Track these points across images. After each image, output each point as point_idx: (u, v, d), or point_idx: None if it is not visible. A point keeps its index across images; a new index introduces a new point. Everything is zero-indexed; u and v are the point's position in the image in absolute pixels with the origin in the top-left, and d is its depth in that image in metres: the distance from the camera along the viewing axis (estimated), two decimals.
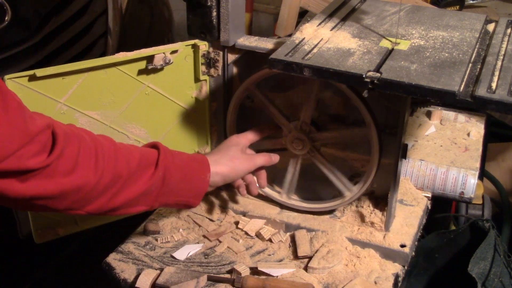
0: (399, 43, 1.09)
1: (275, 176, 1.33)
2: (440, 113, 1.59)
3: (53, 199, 0.90)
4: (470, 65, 1.02)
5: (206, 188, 1.10)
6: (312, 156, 1.24)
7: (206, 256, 1.20)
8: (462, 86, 0.95)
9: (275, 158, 1.23)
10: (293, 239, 1.23)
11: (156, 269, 1.15)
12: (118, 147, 0.99)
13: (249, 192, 1.24)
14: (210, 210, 1.32)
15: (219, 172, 1.12)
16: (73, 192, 0.91)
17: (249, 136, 1.23)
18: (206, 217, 1.31)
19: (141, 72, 1.21)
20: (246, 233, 1.26)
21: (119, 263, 1.18)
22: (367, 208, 1.25)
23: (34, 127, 0.83)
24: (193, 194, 1.09)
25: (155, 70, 1.22)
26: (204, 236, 1.26)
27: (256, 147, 1.29)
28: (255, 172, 1.23)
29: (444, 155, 1.42)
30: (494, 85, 0.94)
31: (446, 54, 1.04)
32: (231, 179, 1.17)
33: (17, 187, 0.84)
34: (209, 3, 1.20)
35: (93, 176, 0.92)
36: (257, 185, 1.26)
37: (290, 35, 1.98)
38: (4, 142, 0.77)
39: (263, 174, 1.24)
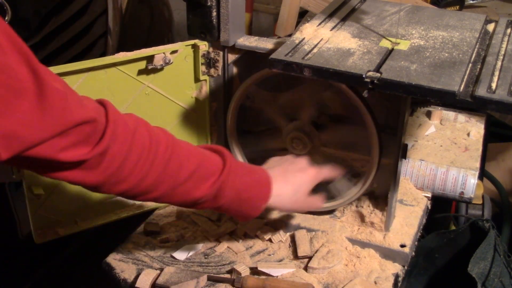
0: (399, 43, 1.09)
1: None
2: (440, 113, 1.59)
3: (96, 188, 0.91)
4: (470, 65, 1.02)
5: (257, 214, 1.07)
6: (317, 152, 1.24)
7: (206, 256, 1.20)
8: (462, 86, 0.95)
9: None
10: (293, 239, 1.23)
11: (156, 269, 1.15)
12: (176, 148, 0.97)
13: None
14: (210, 210, 1.32)
15: (276, 207, 1.12)
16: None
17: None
18: (206, 217, 1.31)
19: (141, 72, 1.21)
20: (246, 233, 1.26)
21: (119, 263, 1.18)
22: (367, 208, 1.25)
23: (74, 118, 0.79)
24: (242, 215, 1.07)
25: (155, 70, 1.22)
26: (204, 236, 1.26)
27: (256, 147, 1.29)
28: None
29: (444, 155, 1.42)
30: (494, 85, 0.94)
31: (446, 54, 1.04)
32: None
33: (58, 172, 0.85)
34: (209, 3, 1.20)
35: (134, 178, 0.92)
36: None
37: (290, 35, 1.98)
38: (35, 129, 0.75)
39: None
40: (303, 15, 2.20)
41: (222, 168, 1.00)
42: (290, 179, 1.09)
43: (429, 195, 1.36)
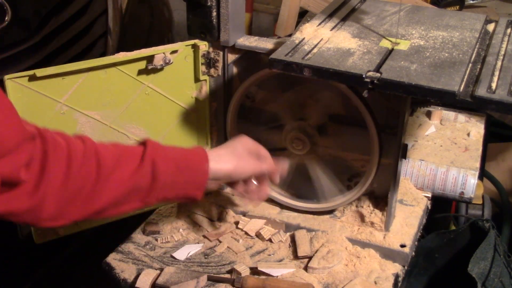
0: (399, 43, 1.09)
1: (286, 182, 1.32)
2: (440, 113, 1.59)
3: (29, 214, 0.87)
4: (470, 65, 1.02)
5: (206, 179, 1.03)
6: (310, 158, 1.24)
7: (206, 256, 1.20)
8: (462, 86, 0.95)
9: (283, 169, 1.17)
10: (293, 239, 1.23)
11: (156, 269, 1.15)
12: (94, 147, 0.94)
13: (248, 197, 1.17)
14: (210, 210, 1.32)
15: (222, 168, 1.05)
16: (40, 208, 0.88)
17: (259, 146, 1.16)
18: (206, 217, 1.31)
19: (141, 72, 1.21)
20: (246, 233, 1.26)
21: (119, 263, 1.18)
22: (367, 208, 1.25)
23: (27, 130, 0.82)
24: (192, 186, 1.02)
25: (155, 70, 1.22)
26: (204, 236, 1.26)
27: None
28: (258, 178, 1.16)
29: (444, 155, 1.42)
30: (494, 85, 0.94)
31: (446, 54, 1.04)
32: (235, 178, 1.11)
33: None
34: (209, 3, 1.20)
35: (60, 184, 0.88)
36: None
37: (290, 35, 1.98)
38: (8, 137, 0.77)
39: (266, 181, 1.16)
40: (303, 15, 2.20)
41: (144, 148, 0.98)
42: (223, 145, 1.11)
43: (429, 195, 1.36)
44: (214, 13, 1.21)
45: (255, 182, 1.16)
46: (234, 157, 1.08)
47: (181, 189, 1.02)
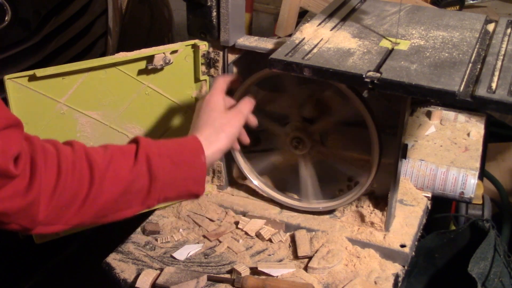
0: (399, 43, 1.09)
1: (286, 182, 1.33)
2: (440, 113, 1.59)
3: (24, 214, 0.84)
4: (470, 65, 1.02)
5: (205, 172, 1.00)
6: (317, 152, 1.24)
7: (206, 256, 1.20)
8: (462, 86, 0.95)
9: (251, 101, 1.13)
10: (293, 239, 1.23)
11: (156, 269, 1.15)
12: (83, 150, 0.91)
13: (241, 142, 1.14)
14: (210, 210, 1.32)
15: (217, 150, 1.03)
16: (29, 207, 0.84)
17: (220, 87, 1.12)
18: (206, 217, 1.31)
19: (141, 72, 1.21)
20: (246, 233, 1.26)
21: (119, 263, 1.18)
22: (367, 208, 1.25)
23: (13, 119, 0.79)
24: (192, 182, 0.98)
25: (155, 70, 1.22)
26: (204, 236, 1.26)
27: (255, 147, 1.29)
28: None
29: (444, 155, 1.42)
30: (494, 85, 0.94)
31: (446, 54, 1.04)
32: (230, 147, 1.08)
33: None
34: (209, 3, 1.20)
35: (53, 186, 0.85)
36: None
37: (290, 35, 1.98)
38: None
39: (243, 130, 1.13)
40: (303, 15, 2.20)
41: (136, 146, 0.94)
42: (200, 119, 1.07)
43: (429, 195, 1.36)
44: (214, 13, 1.21)
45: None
46: (220, 130, 1.05)
47: (182, 186, 0.98)
